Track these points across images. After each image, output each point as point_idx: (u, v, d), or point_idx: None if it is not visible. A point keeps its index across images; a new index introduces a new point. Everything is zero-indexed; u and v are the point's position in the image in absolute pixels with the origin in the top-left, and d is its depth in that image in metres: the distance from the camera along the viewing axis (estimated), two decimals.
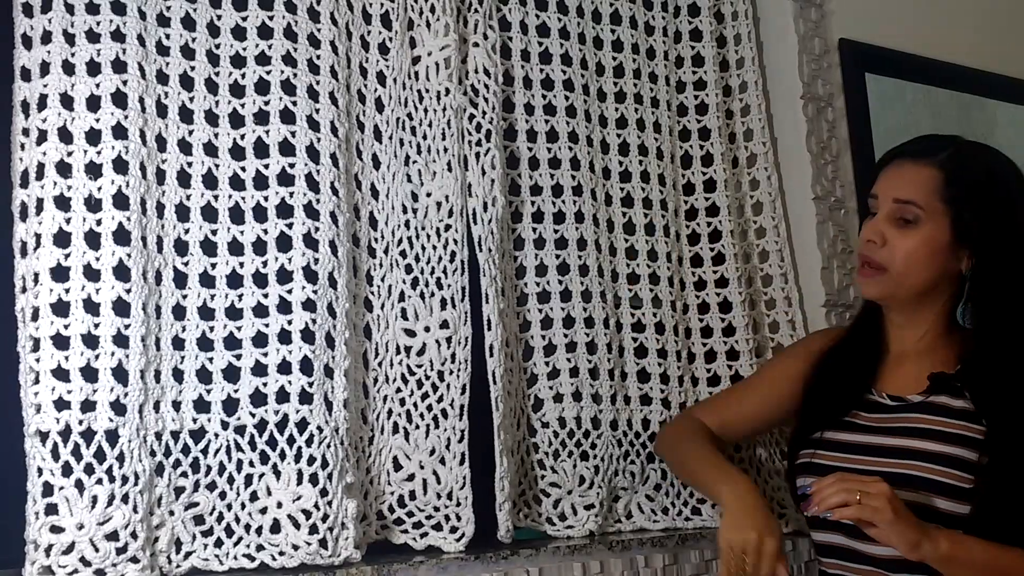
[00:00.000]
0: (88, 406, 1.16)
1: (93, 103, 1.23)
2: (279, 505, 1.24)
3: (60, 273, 1.18)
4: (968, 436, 1.20)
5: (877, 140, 1.87)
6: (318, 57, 1.37)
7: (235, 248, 1.30)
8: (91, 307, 1.18)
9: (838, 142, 1.79)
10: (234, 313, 1.29)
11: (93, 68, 1.23)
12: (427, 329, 1.41)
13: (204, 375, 1.26)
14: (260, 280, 1.30)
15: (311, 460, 1.25)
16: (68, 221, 1.19)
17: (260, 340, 1.28)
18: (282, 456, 1.25)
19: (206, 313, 1.27)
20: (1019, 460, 1.17)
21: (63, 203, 1.20)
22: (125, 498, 1.16)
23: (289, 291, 1.29)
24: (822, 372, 1.38)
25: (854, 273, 1.51)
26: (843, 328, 1.48)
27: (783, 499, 1.59)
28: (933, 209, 1.25)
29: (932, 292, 1.29)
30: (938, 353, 1.29)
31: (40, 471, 1.14)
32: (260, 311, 1.29)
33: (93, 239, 1.20)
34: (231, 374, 1.27)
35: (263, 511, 1.24)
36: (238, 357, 1.27)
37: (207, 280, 1.28)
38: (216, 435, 1.25)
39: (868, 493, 1.12)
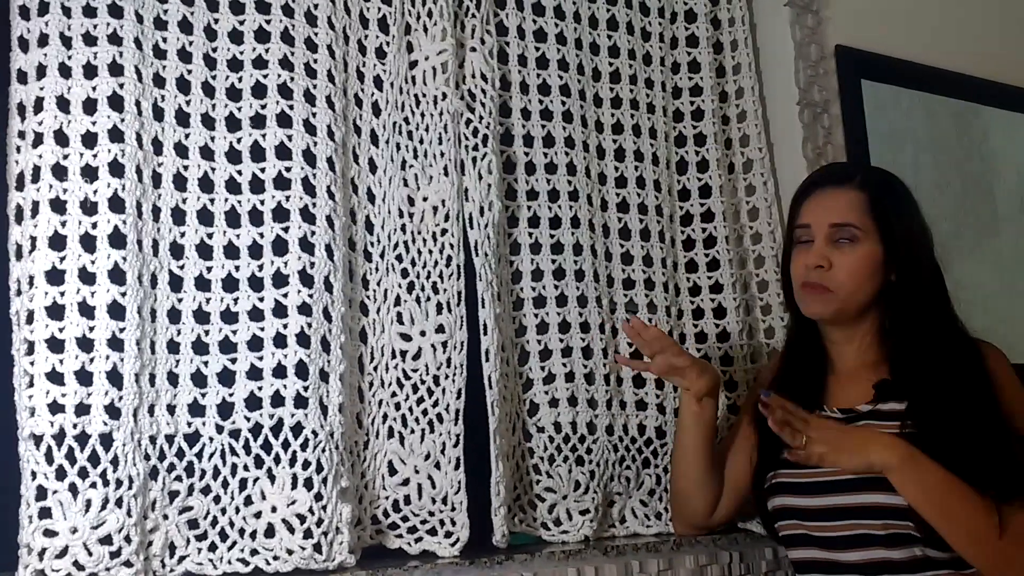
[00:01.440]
0: (83, 410, 1.16)
1: (89, 106, 1.22)
2: (274, 509, 1.24)
3: (55, 276, 1.18)
4: (908, 432, 1.25)
5: (873, 146, 1.88)
6: (315, 61, 1.37)
7: (231, 252, 1.30)
8: (86, 310, 1.18)
9: (834, 148, 1.80)
10: (229, 317, 1.28)
11: (90, 71, 1.23)
12: (423, 333, 1.41)
13: (199, 379, 1.26)
14: (256, 284, 1.30)
15: (306, 464, 1.25)
16: (64, 224, 1.19)
17: (255, 344, 1.28)
18: (277, 460, 1.25)
19: (201, 317, 1.27)
20: (934, 427, 1.24)
21: (59, 206, 1.19)
22: (119, 502, 1.16)
23: (285, 295, 1.29)
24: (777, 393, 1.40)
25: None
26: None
27: None
28: (867, 228, 1.33)
29: (869, 306, 1.35)
30: (879, 364, 1.35)
31: (34, 474, 1.14)
32: (256, 315, 1.29)
33: (89, 242, 1.20)
34: (226, 378, 1.27)
35: (257, 515, 1.24)
36: (233, 361, 1.27)
37: (203, 284, 1.28)
38: (211, 439, 1.25)
39: (810, 437, 1.23)
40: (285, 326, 1.28)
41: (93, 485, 1.15)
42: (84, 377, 1.17)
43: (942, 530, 1.19)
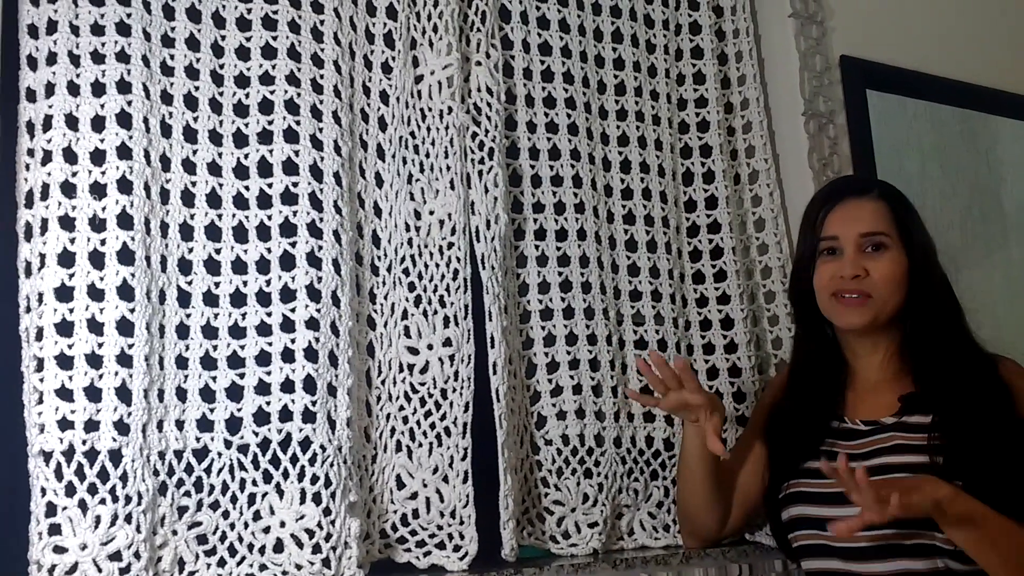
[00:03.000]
0: (91, 426, 1.16)
1: (98, 123, 1.23)
2: (282, 524, 1.24)
3: (64, 293, 1.19)
4: (937, 444, 1.24)
5: (879, 156, 1.87)
6: (321, 77, 1.38)
7: (238, 267, 1.30)
8: (95, 327, 1.18)
9: (840, 158, 1.80)
10: (237, 332, 1.29)
11: (98, 89, 1.24)
12: (430, 347, 1.41)
13: (207, 394, 1.26)
14: (263, 299, 1.30)
15: (314, 479, 1.25)
16: (72, 241, 1.20)
17: (263, 359, 1.28)
18: (285, 475, 1.25)
19: (209, 332, 1.28)
20: (960, 440, 1.22)
21: (67, 223, 1.20)
22: (128, 518, 1.16)
23: (292, 310, 1.29)
24: (789, 407, 1.40)
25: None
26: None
27: None
28: (894, 235, 1.34)
29: (895, 316, 1.35)
30: (901, 376, 1.35)
31: (43, 491, 1.14)
32: (263, 330, 1.29)
33: (97, 259, 1.20)
34: (234, 393, 1.27)
35: (266, 530, 1.24)
36: (241, 376, 1.28)
37: (210, 299, 1.28)
38: (219, 454, 1.25)
39: (907, 492, 1.12)
40: (293, 341, 1.28)
41: (102, 501, 1.15)
42: (93, 393, 1.17)
43: (991, 570, 1.16)
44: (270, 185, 1.33)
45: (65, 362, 1.17)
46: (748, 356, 1.64)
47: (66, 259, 1.19)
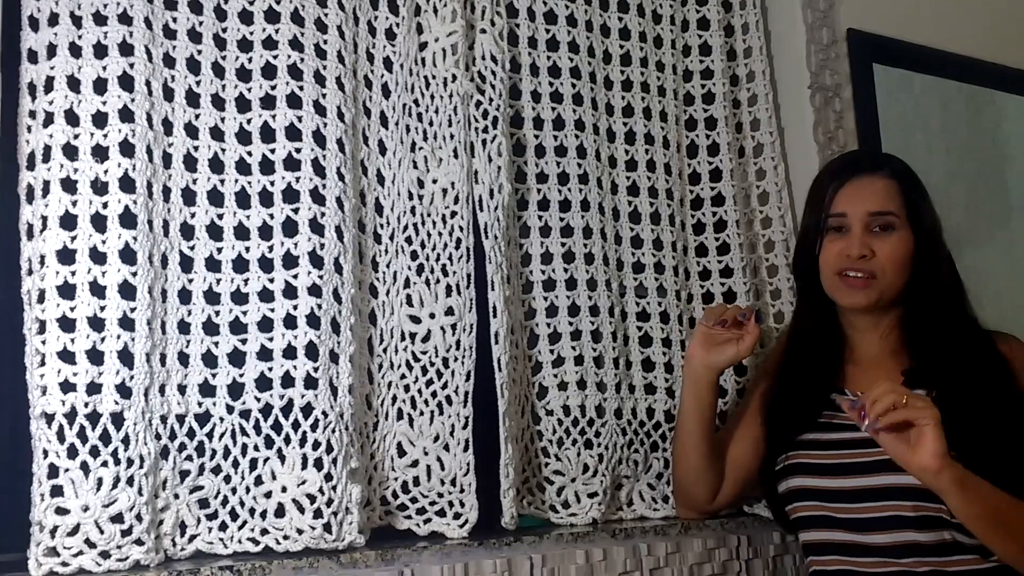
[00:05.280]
0: (94, 389, 1.16)
1: (100, 86, 1.22)
2: (284, 489, 1.24)
3: (66, 256, 1.18)
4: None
5: (884, 131, 1.86)
6: (325, 42, 1.37)
7: (241, 233, 1.30)
8: (97, 290, 1.18)
9: (845, 133, 1.79)
10: (240, 298, 1.29)
11: (100, 51, 1.23)
12: (432, 316, 1.41)
13: (209, 359, 1.26)
14: (266, 265, 1.30)
15: (316, 445, 1.25)
16: (74, 204, 1.19)
17: (266, 325, 1.28)
18: (287, 441, 1.26)
19: (212, 297, 1.27)
20: (963, 414, 1.21)
21: (69, 186, 1.19)
22: (130, 481, 1.16)
23: (295, 276, 1.29)
24: (787, 379, 1.40)
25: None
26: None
27: None
28: (902, 215, 1.34)
29: (900, 294, 1.35)
30: (900, 352, 1.35)
31: (46, 453, 1.14)
32: (266, 296, 1.29)
33: (99, 222, 1.20)
34: (236, 358, 1.27)
35: (268, 495, 1.25)
36: (243, 342, 1.27)
37: (213, 264, 1.28)
38: (221, 419, 1.25)
39: (914, 398, 1.13)
40: (295, 307, 1.28)
41: (104, 464, 1.15)
42: (95, 356, 1.17)
43: (994, 545, 1.16)
44: (273, 151, 1.32)
45: (67, 324, 1.16)
46: None
47: (68, 222, 1.19)
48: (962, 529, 1.19)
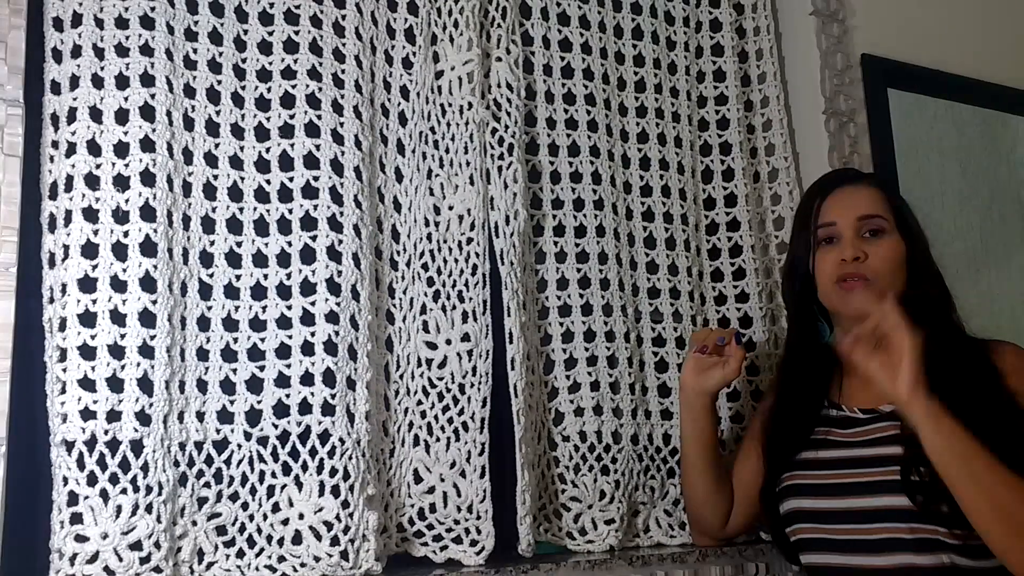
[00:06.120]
0: (113, 416, 1.17)
1: (121, 116, 1.24)
2: (301, 516, 1.25)
3: (87, 284, 1.19)
4: None
5: (899, 155, 1.86)
6: (343, 71, 1.39)
7: (259, 260, 1.31)
8: (117, 318, 1.19)
9: (860, 157, 1.79)
10: (258, 325, 1.29)
11: (122, 82, 1.25)
12: (448, 342, 1.41)
13: (228, 386, 1.27)
14: (284, 292, 1.31)
15: (333, 472, 1.25)
16: (96, 233, 1.21)
17: (283, 352, 1.29)
18: (304, 467, 1.26)
19: (230, 324, 1.28)
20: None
21: (91, 215, 1.21)
22: (149, 508, 1.17)
23: (312, 303, 1.30)
24: (780, 399, 1.40)
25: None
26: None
27: None
28: (890, 220, 1.35)
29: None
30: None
31: (65, 480, 1.15)
32: (283, 323, 1.30)
33: (120, 251, 1.21)
34: (254, 385, 1.28)
35: (285, 522, 1.25)
36: (261, 368, 1.28)
37: (231, 292, 1.29)
38: (239, 446, 1.26)
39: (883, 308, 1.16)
40: (313, 334, 1.29)
41: (123, 491, 1.16)
42: (115, 384, 1.18)
43: (962, 494, 1.12)
44: (291, 179, 1.33)
45: (88, 352, 1.17)
46: (767, 354, 1.64)
47: (89, 250, 1.20)
48: (961, 552, 1.17)
